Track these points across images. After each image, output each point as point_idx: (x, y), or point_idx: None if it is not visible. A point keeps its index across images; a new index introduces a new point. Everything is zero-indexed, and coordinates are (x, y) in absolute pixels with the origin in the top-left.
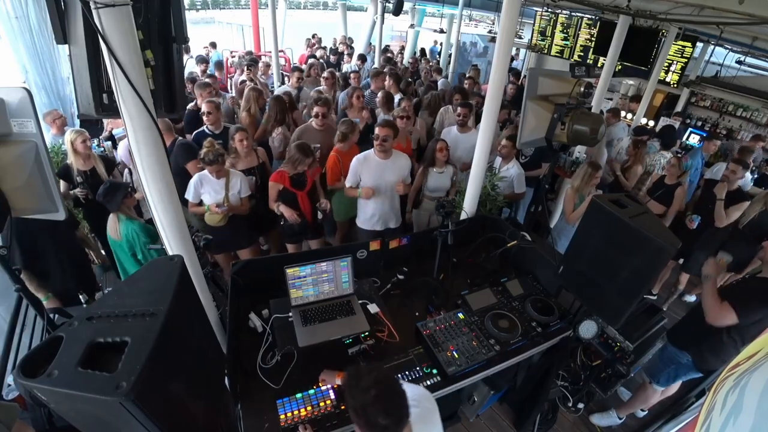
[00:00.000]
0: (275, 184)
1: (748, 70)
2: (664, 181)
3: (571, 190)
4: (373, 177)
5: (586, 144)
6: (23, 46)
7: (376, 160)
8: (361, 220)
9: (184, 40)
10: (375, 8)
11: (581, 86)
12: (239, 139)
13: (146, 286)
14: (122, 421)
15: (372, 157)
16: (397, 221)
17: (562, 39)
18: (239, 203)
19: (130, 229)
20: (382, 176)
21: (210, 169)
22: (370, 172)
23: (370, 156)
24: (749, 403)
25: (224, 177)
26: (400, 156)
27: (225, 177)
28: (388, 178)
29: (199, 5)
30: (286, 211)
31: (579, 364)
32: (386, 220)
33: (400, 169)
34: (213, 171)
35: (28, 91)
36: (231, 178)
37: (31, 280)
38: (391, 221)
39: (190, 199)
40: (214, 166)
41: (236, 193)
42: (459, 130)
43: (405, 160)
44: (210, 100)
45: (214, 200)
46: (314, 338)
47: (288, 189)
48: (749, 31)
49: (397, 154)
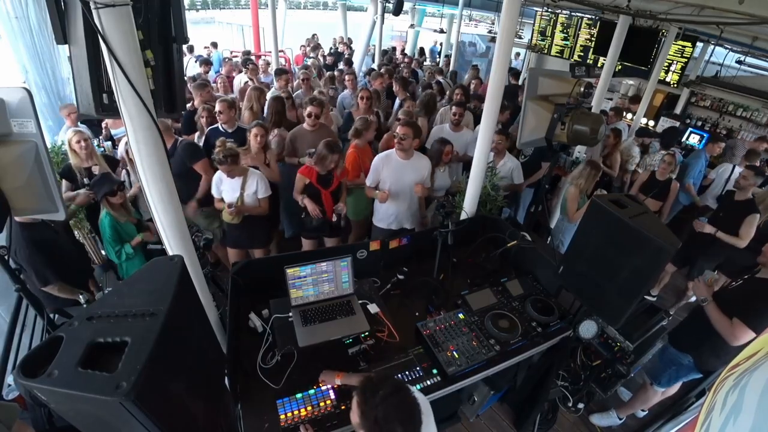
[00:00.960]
0: (302, 177)
1: (748, 70)
2: (656, 178)
3: (575, 188)
4: (393, 176)
5: (586, 144)
6: (23, 46)
7: (397, 159)
8: (377, 219)
9: (184, 40)
10: (375, 8)
11: (581, 86)
12: (255, 134)
13: (146, 286)
14: (122, 421)
15: (393, 157)
16: (413, 223)
17: (562, 39)
18: (256, 204)
19: (103, 220)
20: (402, 176)
21: (222, 168)
22: (391, 172)
23: (391, 155)
24: (749, 403)
25: (239, 176)
26: (421, 157)
27: (241, 176)
28: (408, 179)
29: (199, 5)
30: (310, 204)
31: (579, 364)
32: (402, 220)
33: (420, 170)
34: (225, 171)
35: (28, 91)
36: (248, 178)
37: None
38: (407, 222)
39: (215, 195)
40: (224, 166)
41: (252, 193)
42: (452, 129)
43: (425, 162)
44: (223, 99)
45: (230, 199)
46: (314, 338)
47: (313, 185)
48: (749, 31)
49: (418, 155)
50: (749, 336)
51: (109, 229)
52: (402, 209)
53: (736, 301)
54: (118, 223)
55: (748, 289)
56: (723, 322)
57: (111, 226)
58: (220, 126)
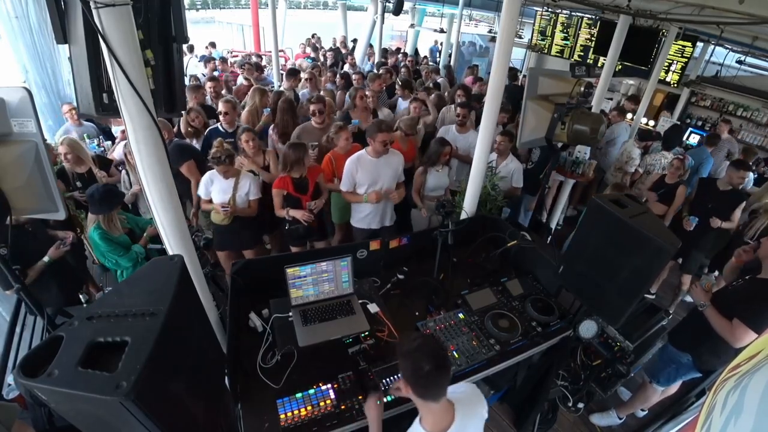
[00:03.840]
0: (279, 190)
1: (748, 69)
2: (665, 181)
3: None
4: (370, 176)
5: (587, 144)
6: (23, 46)
7: (369, 159)
8: (356, 219)
9: (184, 40)
10: (375, 8)
11: (581, 86)
12: (245, 139)
13: (146, 285)
14: (122, 420)
15: (365, 157)
16: (392, 219)
17: (562, 39)
18: (246, 205)
19: (92, 236)
20: (377, 175)
21: (219, 168)
22: (366, 172)
23: (362, 156)
24: (750, 404)
25: (233, 177)
26: (393, 154)
27: (234, 177)
28: (383, 176)
29: (199, 5)
30: (298, 212)
31: (579, 363)
32: (382, 218)
33: (395, 168)
34: (222, 171)
35: (28, 91)
36: (240, 179)
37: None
38: (386, 219)
39: (202, 195)
40: (222, 166)
41: (243, 194)
42: (458, 130)
43: (398, 158)
44: (227, 99)
45: (221, 200)
46: (314, 338)
47: (291, 194)
48: (749, 30)
49: (390, 152)
50: (751, 337)
51: (102, 242)
52: (380, 207)
53: (736, 301)
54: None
55: (748, 290)
56: (723, 325)
57: (103, 238)
58: (220, 126)
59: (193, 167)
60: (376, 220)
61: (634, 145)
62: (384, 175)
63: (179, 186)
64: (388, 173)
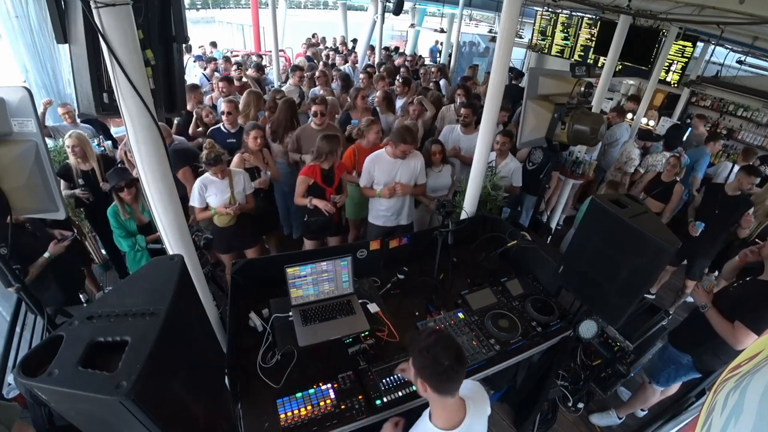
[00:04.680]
0: (306, 178)
1: (748, 69)
2: (661, 179)
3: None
4: (387, 176)
5: (587, 144)
6: (23, 46)
7: (387, 159)
8: (373, 216)
9: (184, 40)
10: (375, 8)
11: (581, 86)
12: (254, 136)
13: (146, 285)
14: (122, 420)
15: (384, 157)
16: (408, 218)
17: (562, 39)
18: (245, 201)
19: (110, 209)
20: (395, 175)
21: (213, 170)
22: (383, 171)
23: (382, 155)
24: (750, 405)
25: (227, 177)
26: (413, 155)
27: (228, 176)
28: (401, 177)
29: (200, 4)
30: (320, 202)
31: (579, 363)
32: (398, 216)
33: (413, 168)
34: (216, 172)
35: (28, 91)
36: (233, 176)
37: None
38: (402, 218)
39: (196, 205)
40: (216, 167)
41: (241, 191)
42: (462, 131)
43: (418, 160)
44: (230, 100)
45: (221, 201)
46: (314, 338)
47: (318, 184)
48: (750, 30)
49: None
50: (752, 339)
51: (112, 218)
52: (397, 206)
53: (737, 303)
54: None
55: (749, 292)
56: (725, 327)
57: (113, 215)
58: (222, 126)
59: (188, 173)
60: (392, 218)
61: (634, 146)
62: (401, 175)
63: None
64: (405, 173)
